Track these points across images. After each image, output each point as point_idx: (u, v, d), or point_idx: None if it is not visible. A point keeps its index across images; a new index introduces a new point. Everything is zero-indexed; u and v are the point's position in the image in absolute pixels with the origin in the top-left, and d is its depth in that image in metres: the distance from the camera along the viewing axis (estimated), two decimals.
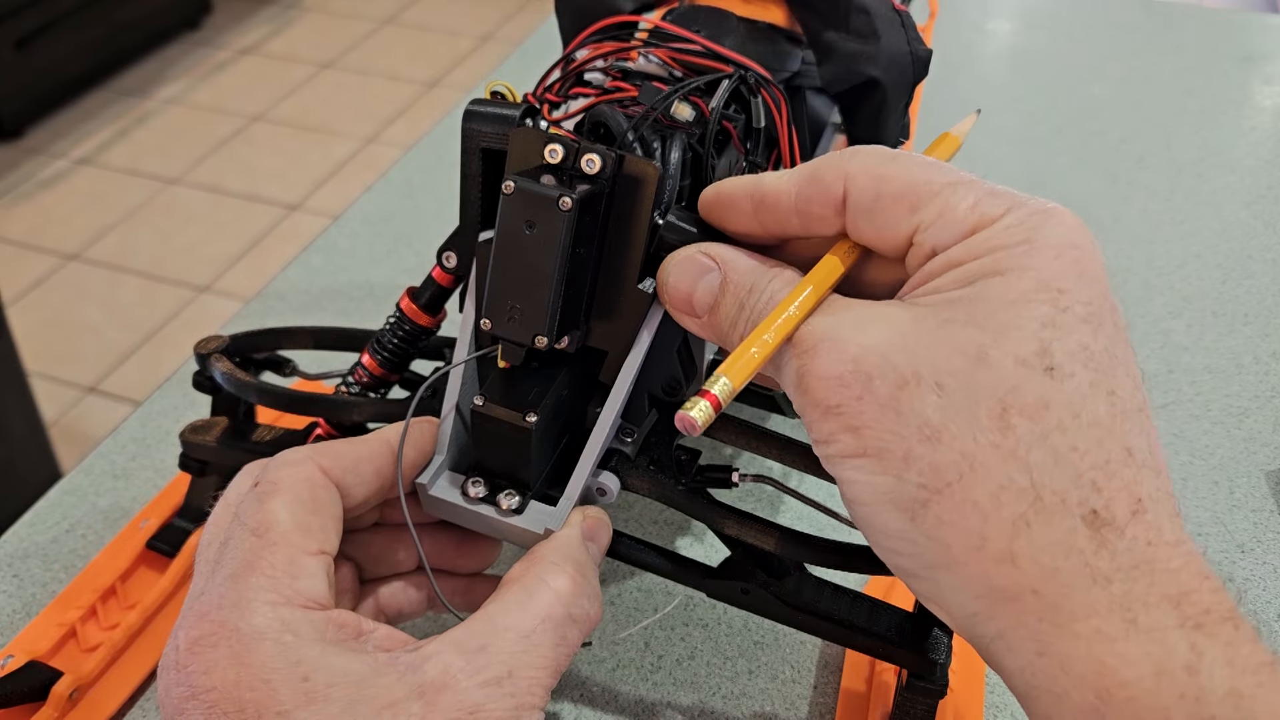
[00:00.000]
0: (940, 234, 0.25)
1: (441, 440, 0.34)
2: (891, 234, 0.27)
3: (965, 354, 0.23)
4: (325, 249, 0.68)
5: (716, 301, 0.29)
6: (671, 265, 0.30)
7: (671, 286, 0.30)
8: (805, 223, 0.28)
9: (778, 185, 0.28)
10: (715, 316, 0.29)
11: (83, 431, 1.61)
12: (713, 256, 0.29)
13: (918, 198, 0.26)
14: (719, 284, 0.29)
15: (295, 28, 2.72)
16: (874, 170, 0.27)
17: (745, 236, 0.30)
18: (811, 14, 0.45)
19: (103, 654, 0.41)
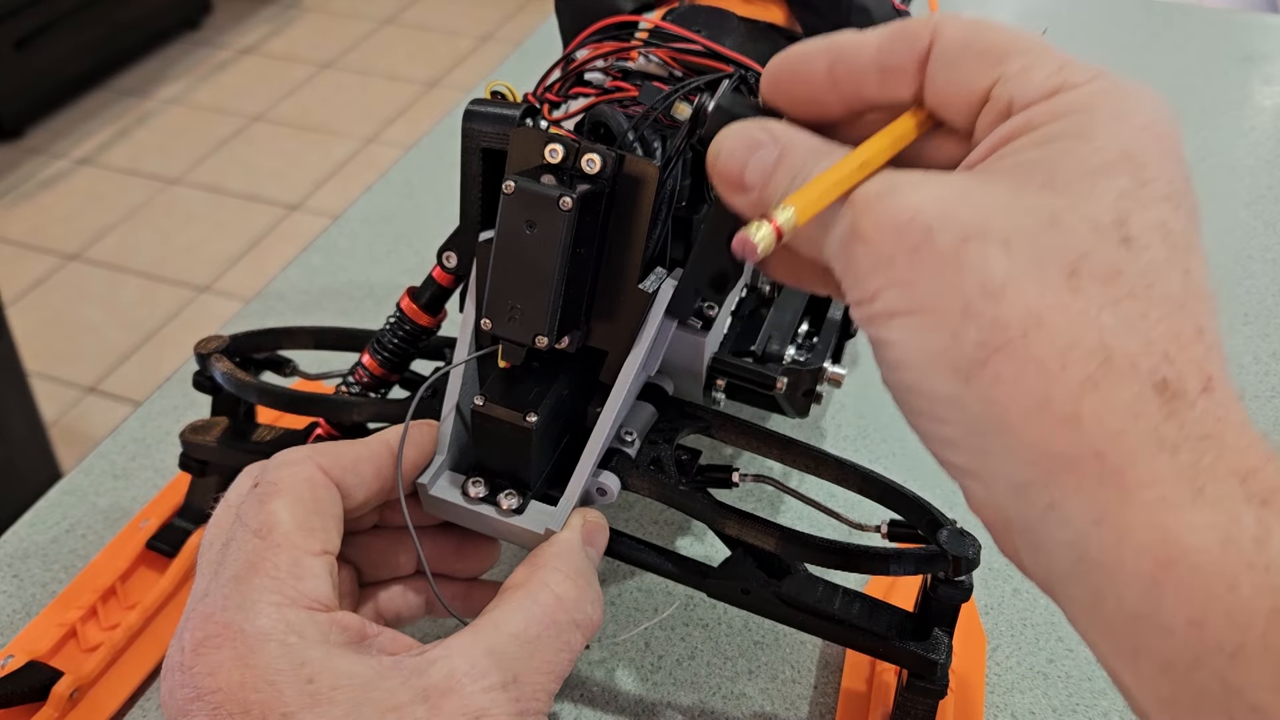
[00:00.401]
0: (1023, 87, 0.24)
1: (442, 440, 0.34)
2: (970, 88, 0.25)
3: (1036, 215, 0.22)
4: (325, 249, 0.68)
5: (770, 176, 0.27)
6: (725, 136, 0.28)
7: (724, 158, 0.28)
8: (883, 80, 0.26)
9: (858, 37, 0.27)
10: (767, 192, 0.27)
11: (83, 431, 1.61)
12: (770, 131, 0.27)
13: (1005, 50, 0.25)
14: (774, 159, 0.27)
15: (295, 28, 2.72)
16: (964, 21, 0.25)
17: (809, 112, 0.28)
18: (812, 14, 0.45)
19: (103, 654, 0.41)
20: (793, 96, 0.28)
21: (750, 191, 0.27)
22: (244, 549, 0.28)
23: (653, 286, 0.34)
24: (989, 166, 0.24)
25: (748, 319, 0.44)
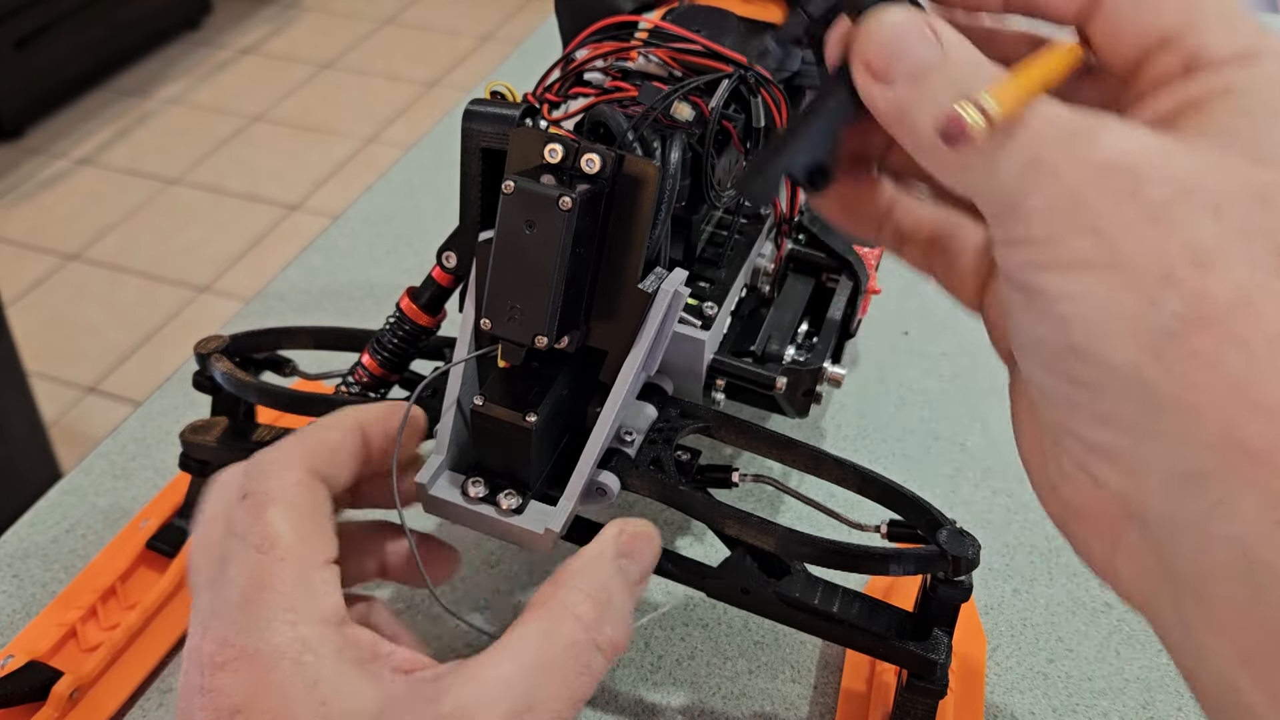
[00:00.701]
0: (1215, 43, 0.22)
1: (441, 440, 0.34)
2: (1149, 24, 0.23)
3: (1247, 187, 0.21)
4: (325, 249, 0.68)
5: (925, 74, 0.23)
6: (883, 17, 0.24)
7: (877, 43, 0.24)
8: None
9: None
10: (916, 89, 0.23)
11: (83, 431, 1.61)
12: (935, 28, 0.24)
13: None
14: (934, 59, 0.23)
15: (295, 28, 2.72)
16: None
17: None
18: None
19: (103, 654, 0.41)
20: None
21: (894, 86, 0.24)
22: (247, 566, 0.27)
23: (653, 286, 0.34)
24: (1187, 126, 0.22)
25: (748, 319, 0.44)
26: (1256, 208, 0.20)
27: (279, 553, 0.28)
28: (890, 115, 0.24)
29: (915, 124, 0.23)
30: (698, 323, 0.39)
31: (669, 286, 0.34)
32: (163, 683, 0.43)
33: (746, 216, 0.43)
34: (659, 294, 0.33)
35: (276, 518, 0.28)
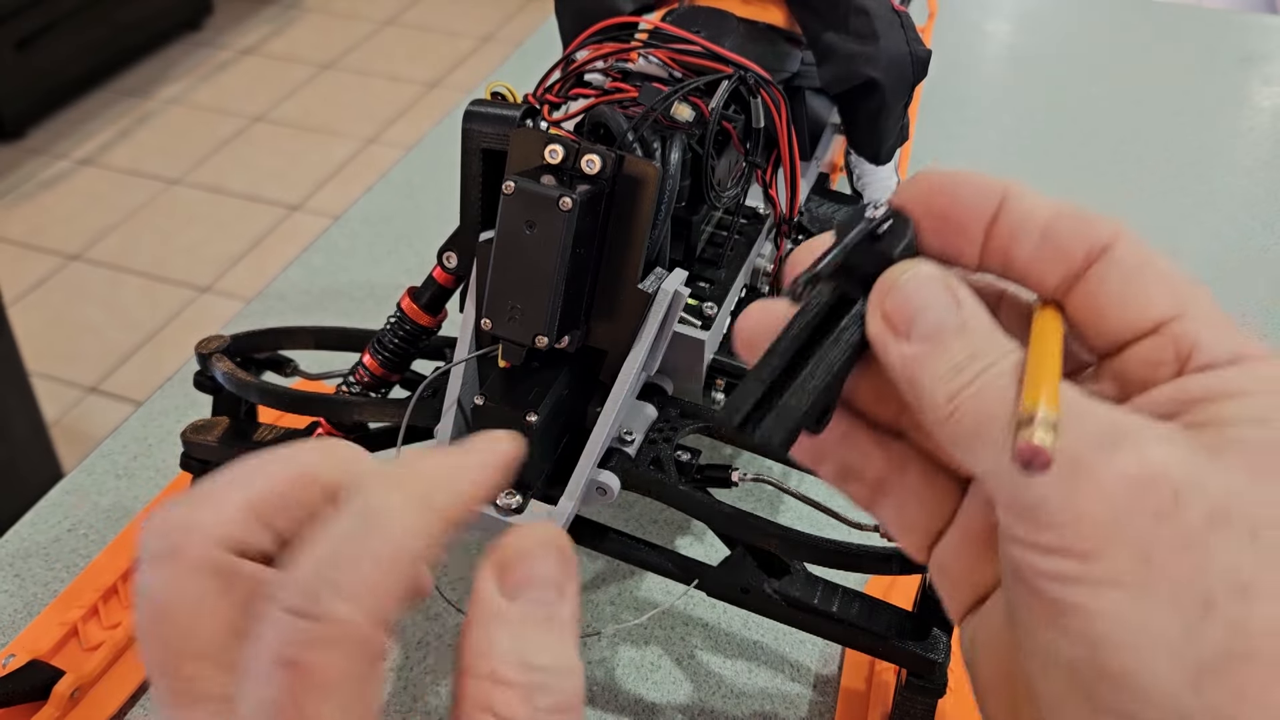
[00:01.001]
0: (1213, 340, 0.22)
1: (442, 439, 0.35)
2: (1140, 311, 0.23)
3: (1277, 508, 0.21)
4: (326, 249, 0.68)
5: (945, 338, 0.23)
6: (910, 274, 0.24)
7: (902, 297, 0.24)
8: (1041, 252, 0.24)
9: (1035, 196, 0.24)
10: (935, 351, 0.23)
11: (84, 431, 1.61)
12: (959, 293, 0.24)
13: (1185, 289, 0.23)
14: (956, 324, 0.24)
15: (296, 28, 2.72)
16: (1142, 241, 0.23)
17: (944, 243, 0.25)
18: (811, 15, 0.45)
19: (104, 653, 0.41)
20: (944, 218, 0.25)
21: (910, 344, 0.24)
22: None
23: (653, 287, 0.34)
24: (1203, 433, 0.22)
25: None
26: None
27: None
28: (902, 371, 0.24)
29: (927, 386, 0.23)
30: (698, 323, 0.39)
31: (669, 286, 0.34)
32: None
33: (746, 217, 0.43)
34: (659, 294, 0.34)
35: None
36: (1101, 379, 0.25)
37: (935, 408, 0.23)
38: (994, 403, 0.22)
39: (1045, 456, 0.20)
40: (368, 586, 0.20)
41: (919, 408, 0.24)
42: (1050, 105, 0.82)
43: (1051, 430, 0.20)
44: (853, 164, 0.49)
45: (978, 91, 0.85)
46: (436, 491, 0.22)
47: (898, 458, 0.27)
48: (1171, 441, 0.21)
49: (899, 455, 0.27)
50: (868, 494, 0.27)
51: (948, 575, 0.26)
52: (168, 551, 0.22)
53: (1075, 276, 0.24)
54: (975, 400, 0.22)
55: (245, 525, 0.22)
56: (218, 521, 0.22)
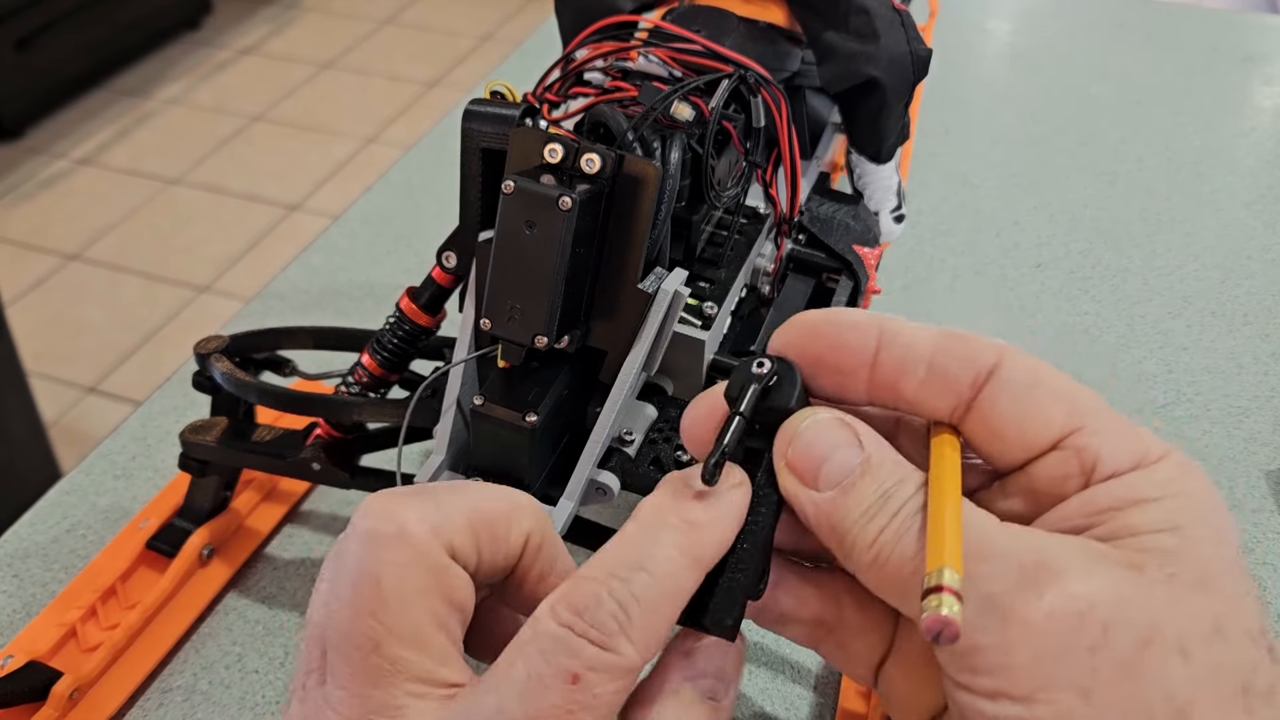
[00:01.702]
0: (1114, 448, 0.23)
1: (441, 440, 0.34)
2: (1037, 429, 0.23)
3: (1203, 621, 0.21)
4: (325, 249, 0.68)
5: (852, 483, 0.24)
6: (808, 423, 0.25)
7: (804, 446, 0.24)
8: (928, 384, 0.24)
9: (914, 330, 0.24)
10: (845, 498, 0.24)
11: (83, 431, 1.61)
12: (855, 431, 0.24)
13: (1079, 402, 0.23)
14: (859, 462, 0.24)
15: (295, 28, 2.72)
16: (1028, 357, 0.24)
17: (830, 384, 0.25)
18: (811, 14, 0.45)
19: (103, 654, 0.41)
20: (823, 363, 0.25)
21: (821, 491, 0.24)
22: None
23: (653, 286, 0.34)
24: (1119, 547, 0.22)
25: (747, 319, 0.44)
26: (1217, 644, 0.21)
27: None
28: (820, 522, 0.24)
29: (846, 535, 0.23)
30: (698, 323, 0.38)
31: (669, 286, 0.34)
32: (163, 683, 0.43)
33: (746, 216, 0.43)
34: (659, 294, 0.33)
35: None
36: (1011, 494, 0.25)
37: (859, 555, 0.23)
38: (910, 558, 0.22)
39: (954, 629, 0.20)
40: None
41: (841, 554, 0.24)
42: (1051, 105, 0.82)
43: (957, 598, 0.21)
44: (853, 163, 0.49)
45: (978, 91, 0.85)
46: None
47: (830, 593, 0.27)
48: (1093, 569, 0.21)
49: (831, 590, 0.27)
50: (807, 635, 0.27)
51: (895, 700, 0.27)
52: (394, 534, 0.23)
53: (966, 403, 0.24)
54: (895, 548, 0.23)
55: (462, 535, 0.24)
56: (444, 523, 0.24)
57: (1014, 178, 0.74)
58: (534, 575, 0.26)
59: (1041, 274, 0.65)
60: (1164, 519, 0.22)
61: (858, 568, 0.24)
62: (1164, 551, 0.22)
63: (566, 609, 0.22)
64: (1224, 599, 0.21)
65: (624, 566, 0.23)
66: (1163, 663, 0.20)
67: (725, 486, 0.25)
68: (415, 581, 0.23)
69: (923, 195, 0.71)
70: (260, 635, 0.45)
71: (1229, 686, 0.20)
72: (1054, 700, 0.20)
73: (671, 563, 0.23)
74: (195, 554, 0.45)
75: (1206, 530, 0.22)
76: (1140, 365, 0.58)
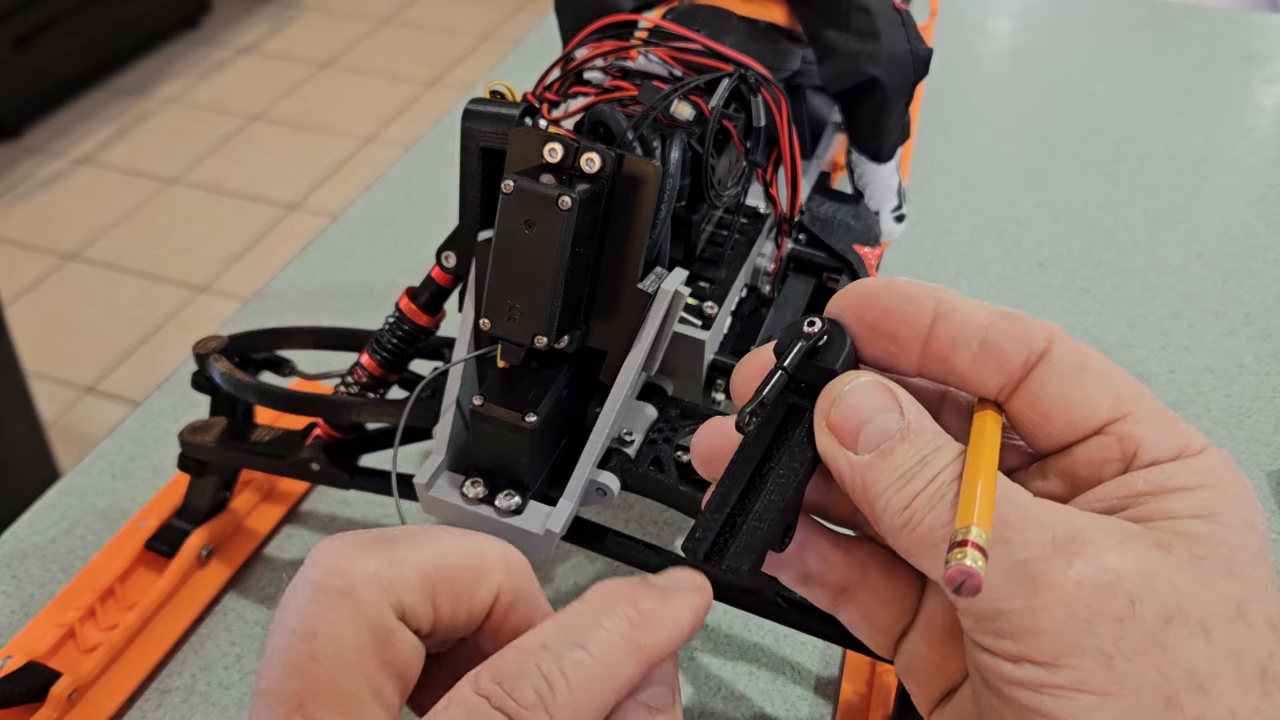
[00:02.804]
0: (1156, 438, 0.23)
1: (440, 440, 0.34)
2: (1084, 414, 0.24)
3: (1227, 604, 0.21)
4: (324, 249, 0.68)
5: (891, 447, 0.24)
6: (852, 385, 0.25)
7: (846, 408, 0.24)
8: (980, 359, 0.24)
9: (971, 305, 0.24)
10: (883, 461, 0.24)
11: (81, 432, 1.61)
12: (898, 397, 0.24)
13: (1125, 390, 0.24)
14: (899, 428, 0.24)
15: (294, 27, 2.72)
16: (1080, 344, 0.24)
17: (883, 352, 0.26)
18: (812, 13, 0.45)
19: (101, 654, 0.41)
20: (878, 330, 0.25)
21: (860, 453, 0.24)
22: None
23: (652, 286, 0.33)
24: (1150, 529, 0.22)
25: (748, 319, 0.44)
26: (1239, 626, 0.21)
27: None
28: (854, 483, 0.24)
29: (880, 497, 0.24)
30: (698, 322, 0.38)
31: (669, 286, 0.33)
32: (161, 683, 0.43)
33: (747, 216, 0.43)
34: (659, 294, 0.33)
35: None
36: (1049, 475, 0.25)
37: (891, 517, 0.23)
38: (942, 523, 0.22)
39: (976, 580, 0.21)
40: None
41: (873, 516, 0.24)
42: (1052, 104, 0.82)
43: (981, 554, 0.21)
44: (854, 162, 0.49)
45: (979, 90, 0.85)
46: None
47: (858, 559, 0.27)
48: (1123, 545, 0.22)
49: (859, 556, 0.27)
50: (831, 598, 0.27)
51: (915, 672, 0.27)
52: (341, 589, 0.22)
53: (1016, 382, 0.24)
54: (929, 512, 0.23)
55: (416, 595, 0.23)
56: (396, 581, 0.22)
57: (1015, 177, 0.74)
58: (506, 632, 0.24)
59: (1043, 273, 0.65)
60: (1198, 506, 0.22)
61: (888, 530, 0.24)
62: (1194, 536, 0.22)
63: (489, 678, 0.21)
64: (1249, 585, 0.22)
65: (559, 642, 0.22)
66: (1185, 638, 0.21)
67: (684, 586, 0.24)
68: (353, 642, 0.22)
69: (923, 194, 0.71)
70: (259, 636, 0.45)
71: (1248, 668, 0.21)
72: (1076, 666, 0.21)
73: (611, 646, 0.22)
74: (194, 554, 0.45)
75: (1238, 520, 0.22)
76: (1142, 365, 0.58)
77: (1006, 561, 0.22)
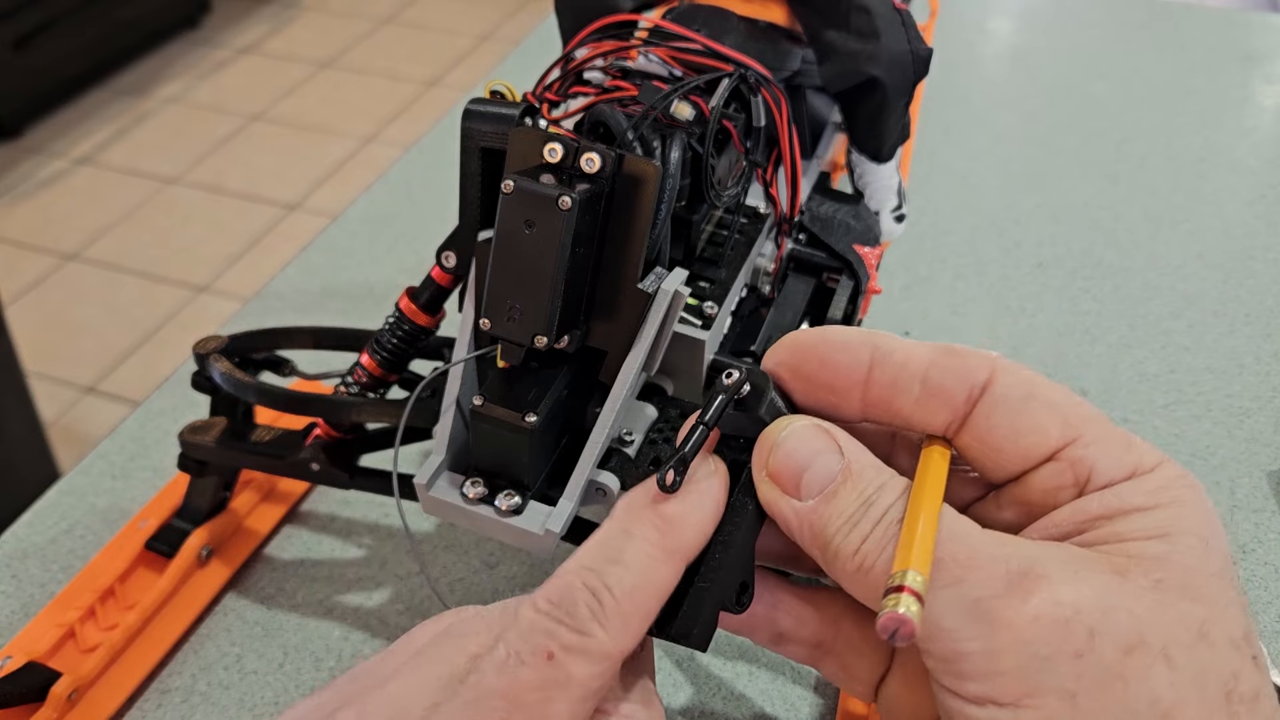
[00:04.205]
0: (1108, 460, 0.23)
1: (440, 440, 0.34)
2: (1033, 442, 0.23)
3: (1188, 627, 0.21)
4: (324, 249, 0.68)
5: (834, 490, 0.24)
6: (788, 431, 0.25)
7: (784, 455, 0.24)
8: (923, 399, 0.24)
9: (907, 346, 0.25)
10: (827, 506, 0.24)
11: (81, 432, 1.61)
12: (835, 438, 0.24)
13: (1073, 413, 0.23)
14: (840, 469, 0.24)
15: (294, 27, 2.72)
16: (1023, 370, 0.24)
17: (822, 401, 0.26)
18: (812, 13, 0.45)
19: (101, 655, 0.41)
20: (815, 382, 0.25)
21: (802, 499, 0.24)
22: None
23: (652, 286, 0.33)
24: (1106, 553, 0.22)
25: (748, 319, 0.44)
26: (1201, 649, 0.21)
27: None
28: (802, 532, 0.24)
29: (829, 543, 0.23)
30: (698, 322, 0.38)
31: (669, 286, 0.33)
32: (161, 684, 0.43)
33: (747, 216, 0.43)
34: (659, 294, 0.33)
35: None
36: (1004, 505, 0.25)
37: (842, 564, 0.23)
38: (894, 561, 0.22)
39: (909, 627, 0.20)
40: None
41: (826, 564, 0.24)
42: (1052, 104, 0.82)
43: (916, 599, 0.21)
44: (854, 162, 0.48)
45: (979, 90, 0.85)
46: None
47: (830, 615, 0.27)
48: (1079, 576, 0.21)
49: (831, 612, 0.27)
50: (807, 654, 0.28)
51: (895, 715, 0.27)
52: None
53: (962, 418, 0.24)
54: (879, 556, 0.23)
55: None
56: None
57: (1015, 177, 0.74)
58: None
59: (1043, 273, 0.65)
60: (1153, 526, 0.22)
61: (841, 576, 0.24)
62: (1151, 558, 0.22)
63: (544, 601, 0.23)
64: (1209, 606, 0.21)
65: (598, 561, 0.24)
66: (1147, 668, 0.21)
67: (700, 475, 0.25)
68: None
69: (923, 194, 0.71)
70: (259, 636, 0.45)
71: (1213, 691, 0.21)
72: (1040, 706, 0.21)
73: (645, 556, 0.24)
74: (194, 554, 0.45)
75: (1194, 539, 0.22)
76: (1142, 365, 0.58)
77: (961, 602, 0.21)
